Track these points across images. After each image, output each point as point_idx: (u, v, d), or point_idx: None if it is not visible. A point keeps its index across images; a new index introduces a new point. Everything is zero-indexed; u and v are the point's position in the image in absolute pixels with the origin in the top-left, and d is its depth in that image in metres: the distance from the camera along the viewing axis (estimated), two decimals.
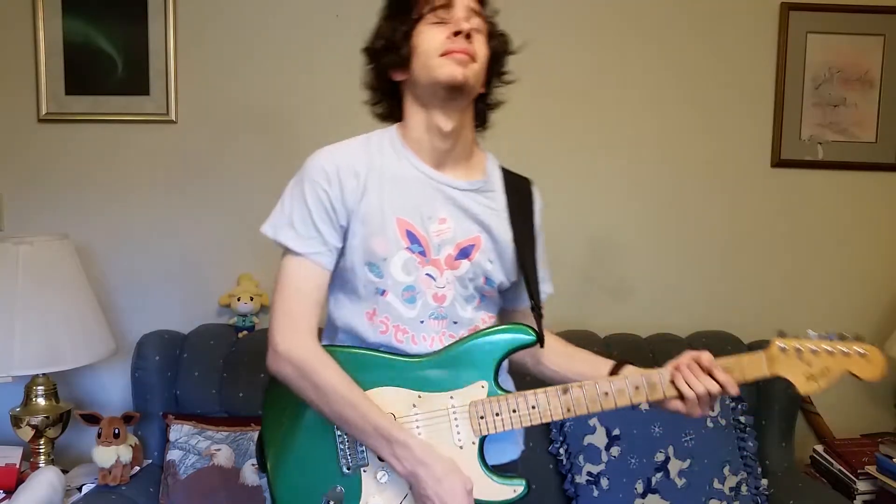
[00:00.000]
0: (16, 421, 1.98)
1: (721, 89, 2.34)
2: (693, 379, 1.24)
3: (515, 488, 1.26)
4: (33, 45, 2.20)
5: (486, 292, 1.32)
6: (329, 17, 2.25)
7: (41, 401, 2.02)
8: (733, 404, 2.09)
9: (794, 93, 2.34)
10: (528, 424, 1.25)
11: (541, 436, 2.05)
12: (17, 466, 1.96)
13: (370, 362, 1.25)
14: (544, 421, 1.24)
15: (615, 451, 1.98)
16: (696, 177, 2.36)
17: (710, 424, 2.03)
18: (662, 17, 2.32)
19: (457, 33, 1.21)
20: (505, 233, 1.32)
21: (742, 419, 2.09)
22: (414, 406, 1.24)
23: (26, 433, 1.98)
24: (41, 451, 2.00)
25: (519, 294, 1.40)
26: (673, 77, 2.33)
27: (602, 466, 1.97)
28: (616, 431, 1.99)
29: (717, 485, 1.99)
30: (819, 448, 2.23)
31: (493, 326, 1.31)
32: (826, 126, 2.36)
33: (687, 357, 1.26)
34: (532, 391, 1.25)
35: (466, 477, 1.19)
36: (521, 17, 2.27)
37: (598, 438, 1.98)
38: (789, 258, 2.40)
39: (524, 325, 1.30)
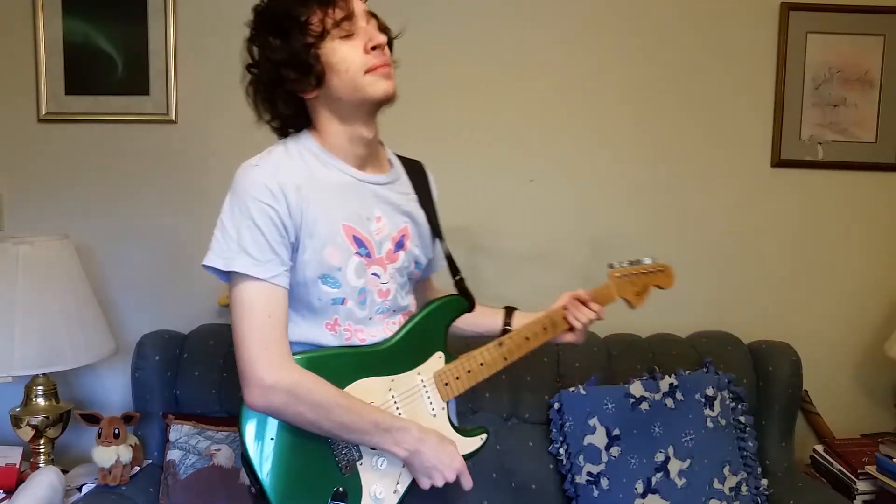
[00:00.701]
0: (16, 421, 1.98)
1: (721, 89, 2.34)
2: (578, 313, 1.51)
3: (481, 437, 1.41)
4: (33, 45, 2.20)
5: (414, 276, 1.42)
6: None
7: (41, 401, 2.02)
8: (733, 404, 2.09)
9: (794, 93, 2.34)
10: (481, 379, 1.41)
11: (541, 436, 2.05)
12: (17, 466, 1.96)
13: (338, 361, 1.28)
14: (491, 373, 1.42)
15: (615, 451, 1.98)
16: (696, 177, 2.36)
17: (710, 424, 2.03)
18: (662, 17, 2.32)
19: (374, 48, 1.21)
20: (420, 215, 1.40)
21: (742, 419, 2.08)
22: (390, 390, 1.31)
23: (26, 433, 1.98)
24: (41, 451, 2.00)
25: (424, 269, 1.49)
26: (673, 77, 2.33)
27: (602, 466, 1.96)
28: (616, 431, 1.99)
29: (717, 485, 1.98)
30: (819, 448, 2.23)
31: (433, 302, 1.41)
32: (826, 126, 2.36)
33: (568, 296, 1.53)
34: (477, 351, 1.42)
35: (452, 440, 1.32)
36: (521, 18, 2.29)
37: (598, 438, 1.98)
38: (789, 258, 2.40)
39: (458, 296, 1.44)
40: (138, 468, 1.96)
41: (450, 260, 1.47)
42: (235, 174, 1.24)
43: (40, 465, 1.98)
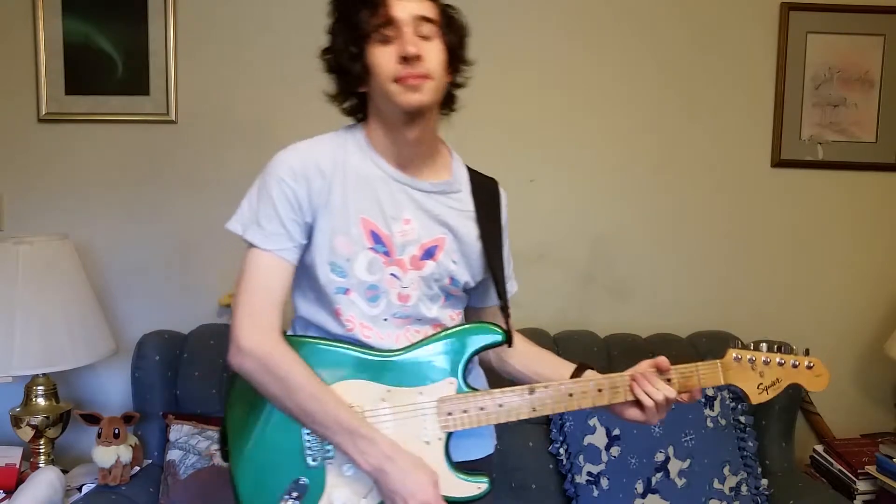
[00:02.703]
0: (16, 421, 1.98)
1: (721, 89, 2.34)
2: (650, 387, 1.26)
3: (479, 485, 1.25)
4: (33, 45, 2.20)
5: (452, 291, 1.33)
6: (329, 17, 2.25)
7: (41, 401, 2.02)
8: (733, 404, 2.09)
9: (794, 93, 2.34)
10: (495, 422, 1.26)
11: (541, 436, 2.05)
12: (17, 466, 1.96)
13: (339, 356, 1.26)
14: (510, 419, 1.26)
15: (615, 451, 1.98)
16: (697, 177, 2.37)
17: (710, 424, 2.03)
18: (663, 17, 2.32)
19: (404, 59, 1.19)
20: (471, 233, 1.32)
21: (742, 419, 2.09)
22: (383, 400, 1.24)
23: (26, 433, 1.98)
24: (41, 451, 2.00)
25: (485, 293, 1.41)
26: (673, 77, 2.33)
27: (602, 466, 1.97)
28: (616, 431, 1.99)
29: (717, 485, 1.99)
30: (819, 448, 2.23)
31: (463, 324, 1.33)
32: (826, 126, 2.36)
33: (645, 364, 1.29)
34: (500, 390, 1.26)
35: (432, 471, 1.20)
36: (522, 17, 2.29)
37: (598, 438, 1.98)
38: (789, 258, 2.40)
39: (494, 324, 1.31)
40: (138, 468, 1.96)
41: (501, 292, 1.36)
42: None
43: (40, 465, 1.98)
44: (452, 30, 1.27)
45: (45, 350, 1.89)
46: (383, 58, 1.21)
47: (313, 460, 1.22)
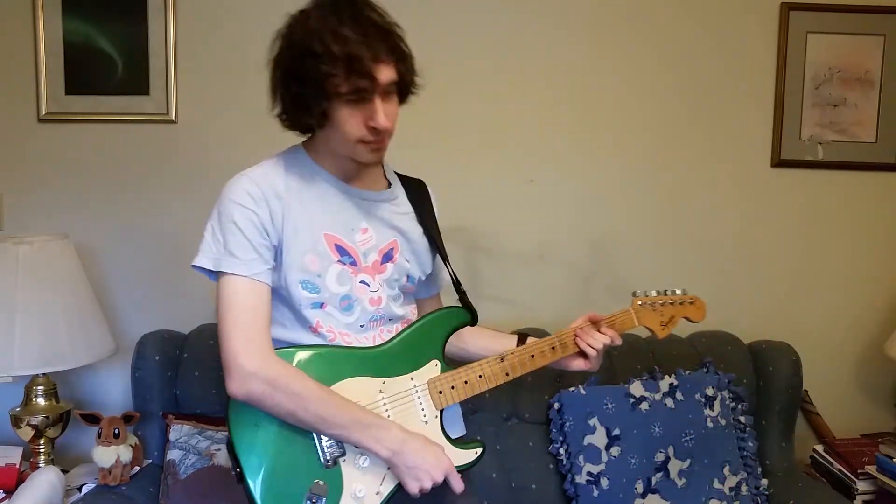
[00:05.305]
0: (16, 421, 1.98)
1: (721, 89, 2.34)
2: (591, 339, 1.49)
3: (476, 450, 1.41)
4: (33, 45, 2.20)
5: (407, 289, 1.47)
6: None
7: (41, 401, 2.02)
8: (733, 404, 2.09)
9: (794, 93, 2.34)
10: (479, 392, 1.42)
11: (541, 436, 2.05)
12: (17, 466, 1.96)
13: (330, 357, 1.33)
14: (490, 387, 1.44)
15: (615, 451, 1.98)
16: (696, 177, 2.37)
17: (710, 424, 2.03)
18: (662, 17, 2.32)
19: (375, 129, 1.24)
20: (416, 232, 1.46)
21: (742, 419, 2.08)
22: (380, 392, 1.34)
23: (26, 433, 1.98)
24: (41, 451, 2.00)
25: (427, 285, 1.57)
26: (673, 77, 2.33)
27: (602, 466, 1.96)
28: (616, 431, 1.99)
29: (717, 485, 1.98)
30: (819, 448, 2.23)
31: (436, 310, 1.48)
32: (826, 126, 2.36)
33: (582, 318, 1.53)
34: (477, 363, 1.44)
35: (439, 444, 1.33)
36: (521, 18, 2.29)
37: (598, 438, 1.98)
38: (789, 258, 2.40)
39: (462, 307, 1.47)
40: (138, 468, 1.96)
41: (453, 276, 1.50)
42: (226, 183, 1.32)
43: (40, 465, 1.98)
44: (407, 69, 1.29)
45: (45, 350, 1.89)
46: (352, 121, 1.24)
47: (329, 461, 1.28)
